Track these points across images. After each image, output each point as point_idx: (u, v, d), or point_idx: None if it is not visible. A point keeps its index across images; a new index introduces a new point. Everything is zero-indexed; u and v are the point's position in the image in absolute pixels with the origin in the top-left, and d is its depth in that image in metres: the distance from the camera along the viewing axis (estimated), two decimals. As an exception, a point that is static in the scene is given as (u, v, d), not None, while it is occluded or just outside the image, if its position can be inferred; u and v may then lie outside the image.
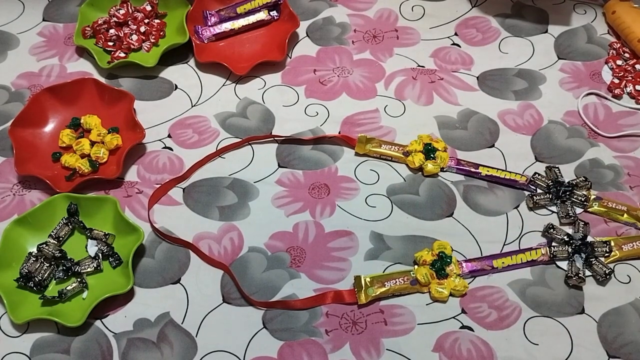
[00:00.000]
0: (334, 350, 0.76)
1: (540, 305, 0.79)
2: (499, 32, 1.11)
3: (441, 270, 0.80)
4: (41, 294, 0.79)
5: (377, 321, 0.78)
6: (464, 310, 0.79)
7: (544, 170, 0.91)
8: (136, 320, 0.78)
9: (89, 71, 1.06)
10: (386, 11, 1.15)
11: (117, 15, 1.08)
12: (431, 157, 0.91)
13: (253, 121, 0.98)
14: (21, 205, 0.89)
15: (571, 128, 0.96)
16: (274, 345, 0.76)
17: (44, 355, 0.76)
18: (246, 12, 1.10)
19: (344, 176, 0.92)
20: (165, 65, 1.06)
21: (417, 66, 1.05)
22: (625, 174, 0.91)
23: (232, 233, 0.86)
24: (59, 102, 0.97)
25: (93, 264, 0.81)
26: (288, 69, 1.05)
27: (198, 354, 0.76)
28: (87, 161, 0.91)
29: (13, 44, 1.11)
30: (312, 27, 1.12)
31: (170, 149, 0.95)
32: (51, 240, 0.84)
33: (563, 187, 0.87)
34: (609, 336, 0.76)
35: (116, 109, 0.96)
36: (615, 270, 0.82)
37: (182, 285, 0.81)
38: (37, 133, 0.95)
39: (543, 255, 0.82)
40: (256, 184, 0.91)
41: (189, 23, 1.07)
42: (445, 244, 0.82)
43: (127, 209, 0.88)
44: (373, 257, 0.84)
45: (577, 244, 0.82)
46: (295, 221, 0.87)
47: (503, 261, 0.81)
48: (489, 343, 0.76)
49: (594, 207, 0.86)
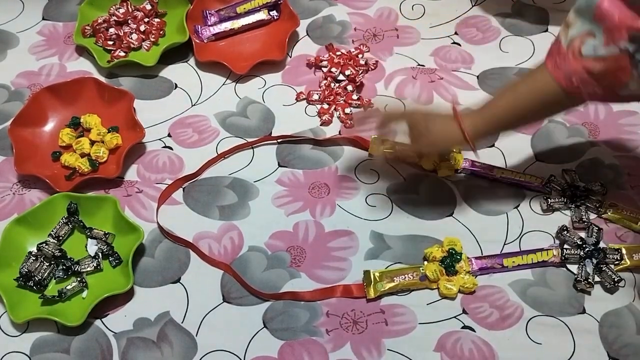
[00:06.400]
0: (335, 349, 0.75)
1: (541, 306, 0.78)
2: (500, 31, 1.10)
3: (451, 267, 0.79)
4: (41, 294, 0.79)
5: (378, 321, 0.78)
6: (465, 310, 0.78)
7: (560, 173, 0.91)
8: (136, 319, 0.78)
9: (88, 70, 1.06)
10: (386, 10, 1.15)
11: (117, 14, 1.08)
12: (445, 159, 0.91)
13: (253, 120, 0.98)
14: (21, 204, 0.89)
15: (571, 128, 0.96)
16: (275, 344, 0.76)
17: (43, 354, 0.76)
18: (246, 11, 1.10)
19: (344, 175, 0.92)
20: (165, 65, 1.06)
21: (417, 65, 1.05)
22: (626, 174, 0.91)
23: (232, 232, 0.86)
24: (58, 101, 0.97)
25: (93, 264, 0.81)
26: (288, 68, 1.05)
27: (198, 354, 0.76)
28: (87, 160, 0.91)
29: (13, 43, 1.10)
30: (312, 25, 1.12)
31: (170, 148, 0.95)
32: (51, 239, 0.83)
33: (579, 192, 0.87)
34: (609, 337, 0.76)
35: (116, 108, 0.96)
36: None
37: (182, 285, 0.81)
38: (36, 132, 0.95)
39: (554, 256, 0.81)
40: (256, 184, 0.91)
41: (189, 22, 1.07)
42: (455, 240, 0.82)
43: (127, 208, 0.88)
44: (373, 256, 0.83)
45: (590, 249, 0.81)
46: (295, 221, 0.87)
47: (514, 260, 0.81)
48: (491, 343, 0.76)
49: (608, 213, 0.86)
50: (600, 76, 0.65)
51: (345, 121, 0.97)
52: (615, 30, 0.62)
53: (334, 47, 1.07)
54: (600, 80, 0.65)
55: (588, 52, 0.65)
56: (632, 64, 0.63)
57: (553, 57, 0.69)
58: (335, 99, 1.00)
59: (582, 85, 0.66)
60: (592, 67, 0.65)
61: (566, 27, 0.67)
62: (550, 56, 0.70)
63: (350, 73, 1.01)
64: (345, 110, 0.98)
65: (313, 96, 1.00)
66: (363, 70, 1.03)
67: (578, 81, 0.66)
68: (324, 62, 1.04)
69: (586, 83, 0.66)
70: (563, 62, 0.67)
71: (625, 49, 0.62)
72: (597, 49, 0.64)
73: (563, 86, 0.68)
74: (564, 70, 0.67)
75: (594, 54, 0.64)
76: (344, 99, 1.00)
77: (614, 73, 0.64)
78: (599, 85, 0.66)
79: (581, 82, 0.66)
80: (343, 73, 1.01)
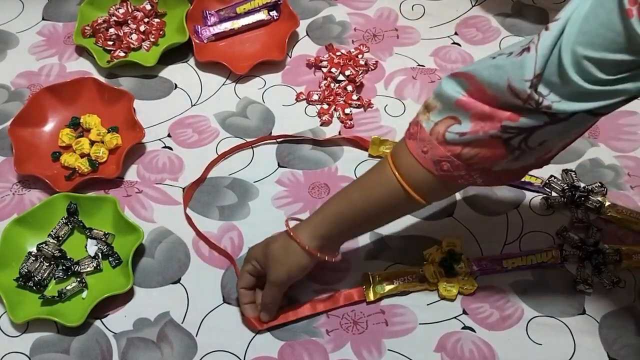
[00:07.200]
0: (335, 350, 0.75)
1: (541, 306, 0.78)
2: (500, 31, 1.10)
3: (450, 269, 0.79)
4: (41, 294, 0.79)
5: (378, 321, 0.78)
6: (465, 310, 0.78)
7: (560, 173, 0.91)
8: (136, 319, 0.78)
9: (88, 70, 1.06)
10: (386, 10, 1.15)
11: (116, 14, 1.08)
12: None
13: (253, 121, 0.98)
14: (21, 204, 0.89)
15: (572, 128, 0.96)
16: (275, 345, 0.76)
17: (43, 355, 0.76)
18: (246, 12, 1.10)
19: (344, 176, 0.92)
20: (165, 65, 1.06)
21: (417, 65, 1.05)
22: (626, 174, 0.91)
23: (232, 233, 0.86)
24: (58, 101, 0.97)
25: (93, 264, 0.81)
26: (288, 69, 1.05)
27: (198, 354, 0.75)
28: (87, 161, 0.91)
29: (12, 43, 1.10)
30: (312, 26, 1.12)
31: (170, 148, 0.95)
32: (51, 239, 0.83)
33: (578, 192, 0.87)
34: (609, 338, 0.76)
35: (116, 108, 0.96)
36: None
37: (182, 285, 0.81)
38: (36, 132, 0.95)
39: (554, 257, 0.81)
40: (256, 184, 0.91)
41: (189, 22, 1.07)
42: (455, 241, 0.82)
43: (126, 209, 0.88)
44: (373, 257, 0.83)
45: (589, 250, 0.81)
46: (295, 221, 0.86)
47: (513, 261, 0.81)
48: (491, 344, 0.76)
49: (608, 213, 0.86)
50: (472, 160, 0.60)
51: (345, 121, 0.97)
52: (487, 118, 0.57)
53: (334, 48, 1.07)
54: (472, 164, 0.61)
55: (454, 138, 0.60)
56: (506, 147, 0.59)
57: (416, 142, 0.63)
58: (335, 99, 1.00)
59: (454, 171, 0.62)
60: (463, 153, 0.60)
61: (427, 111, 0.63)
62: (412, 139, 0.64)
63: (350, 73, 1.01)
64: (345, 110, 0.98)
65: (313, 96, 1.00)
66: (363, 70, 1.03)
67: (449, 167, 0.62)
68: (324, 62, 1.04)
69: (458, 168, 0.61)
70: (430, 148, 0.62)
71: (497, 136, 0.58)
72: (464, 134, 0.59)
73: (432, 172, 0.62)
74: (432, 156, 0.62)
75: (462, 140, 0.59)
76: (344, 99, 1.00)
77: (487, 156, 0.60)
78: (471, 169, 0.61)
79: (453, 169, 0.61)
80: (343, 73, 1.01)
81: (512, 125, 0.56)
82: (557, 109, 0.53)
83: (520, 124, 0.56)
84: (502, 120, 0.56)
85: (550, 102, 0.53)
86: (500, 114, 0.57)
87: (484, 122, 0.58)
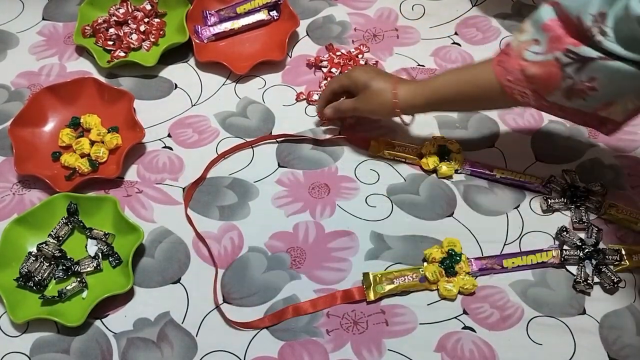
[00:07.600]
0: (335, 350, 0.75)
1: (541, 306, 0.78)
2: (500, 31, 1.10)
3: (450, 268, 0.79)
4: (41, 294, 0.79)
5: (378, 321, 0.78)
6: (466, 310, 0.78)
7: (560, 173, 0.90)
8: (136, 319, 0.78)
9: (88, 70, 1.06)
10: (386, 10, 1.15)
11: (116, 14, 1.08)
12: (445, 159, 0.91)
13: (253, 121, 0.98)
14: (21, 204, 0.89)
15: (571, 128, 0.96)
16: (275, 345, 0.76)
17: (43, 355, 0.76)
18: (246, 12, 1.10)
19: (344, 176, 0.92)
20: (165, 65, 1.06)
21: (417, 65, 1.05)
22: (626, 174, 0.91)
23: (232, 233, 0.86)
24: (58, 101, 0.97)
25: (93, 264, 0.81)
26: (288, 69, 1.05)
27: (198, 354, 0.75)
28: (87, 161, 0.91)
29: (12, 43, 1.10)
30: (312, 26, 1.12)
31: (170, 148, 0.95)
32: (51, 239, 0.83)
33: (578, 192, 0.87)
34: (609, 338, 0.76)
35: (116, 108, 0.96)
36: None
37: (182, 285, 0.81)
38: (36, 132, 0.95)
39: (554, 257, 0.81)
40: (256, 184, 0.91)
41: (189, 22, 1.07)
42: (455, 241, 0.82)
43: (126, 209, 0.88)
44: (374, 257, 0.83)
45: (590, 250, 0.81)
46: (295, 221, 0.87)
47: (513, 261, 0.81)
48: (491, 344, 0.76)
49: (608, 213, 0.86)
50: (532, 78, 0.70)
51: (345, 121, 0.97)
52: (557, 41, 0.67)
53: (334, 47, 1.07)
54: (531, 82, 0.71)
55: (529, 56, 0.70)
56: (561, 74, 0.67)
57: (501, 56, 0.74)
58: None
59: (515, 84, 0.72)
60: (528, 69, 0.70)
61: (519, 33, 0.73)
62: (499, 54, 0.75)
63: (350, 73, 1.01)
64: None
65: (313, 96, 1.00)
66: (363, 70, 1.03)
67: (513, 79, 0.72)
68: (324, 62, 1.04)
69: (519, 82, 0.72)
70: (506, 61, 0.72)
71: (559, 59, 0.67)
72: (538, 54, 0.69)
73: (500, 82, 0.73)
74: (505, 67, 0.73)
75: (533, 58, 0.70)
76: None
77: (544, 78, 0.69)
78: (528, 87, 0.71)
79: (515, 81, 0.72)
80: (343, 73, 1.01)
81: (573, 50, 0.65)
82: (607, 46, 0.62)
83: (579, 50, 0.65)
84: (568, 44, 0.65)
85: (602, 38, 0.62)
86: (568, 40, 0.66)
87: (555, 44, 0.67)
